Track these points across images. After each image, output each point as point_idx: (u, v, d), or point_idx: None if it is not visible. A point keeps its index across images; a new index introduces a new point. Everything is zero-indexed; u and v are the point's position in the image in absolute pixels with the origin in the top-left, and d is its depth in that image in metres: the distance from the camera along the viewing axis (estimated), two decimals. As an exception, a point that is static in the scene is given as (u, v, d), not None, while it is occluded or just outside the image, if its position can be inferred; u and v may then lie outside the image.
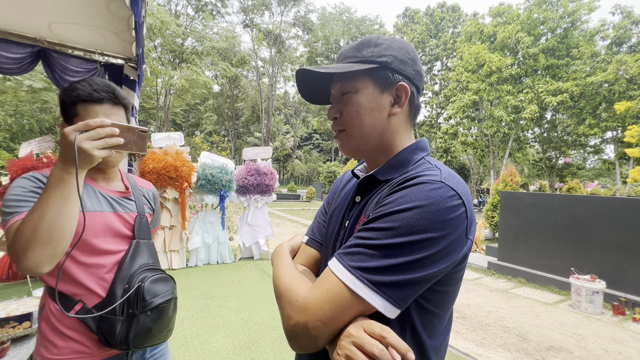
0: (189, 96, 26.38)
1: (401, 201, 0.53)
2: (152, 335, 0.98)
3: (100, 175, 1.04)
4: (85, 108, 0.93)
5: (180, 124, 35.62)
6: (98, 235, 0.96)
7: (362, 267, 0.52)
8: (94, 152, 0.74)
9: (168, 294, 1.01)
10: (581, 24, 17.76)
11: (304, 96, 0.74)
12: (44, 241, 0.76)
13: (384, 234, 0.52)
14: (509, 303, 4.43)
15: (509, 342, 3.31)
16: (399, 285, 0.50)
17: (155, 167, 4.65)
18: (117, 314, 0.93)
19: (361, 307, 0.51)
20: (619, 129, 16.26)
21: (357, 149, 0.69)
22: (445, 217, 0.51)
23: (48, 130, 15.87)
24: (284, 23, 30.57)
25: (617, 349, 3.25)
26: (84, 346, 0.94)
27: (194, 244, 5.20)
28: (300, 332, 0.53)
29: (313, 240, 0.80)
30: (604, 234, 4.60)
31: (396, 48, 0.65)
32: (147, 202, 1.18)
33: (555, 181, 21.25)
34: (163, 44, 20.07)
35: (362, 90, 0.65)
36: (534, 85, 17.82)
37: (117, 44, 3.80)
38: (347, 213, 0.71)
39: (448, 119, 23.67)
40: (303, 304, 0.54)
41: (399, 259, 0.50)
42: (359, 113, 0.65)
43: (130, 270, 0.99)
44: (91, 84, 0.94)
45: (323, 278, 0.55)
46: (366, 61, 0.64)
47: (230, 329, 3.20)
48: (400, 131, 0.68)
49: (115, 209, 1.02)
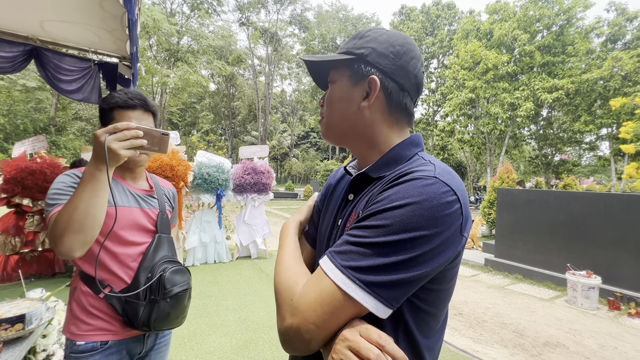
0: (185, 95, 26.25)
1: (393, 198, 0.51)
2: (170, 319, 1.10)
3: (128, 174, 1.17)
4: (121, 113, 1.07)
5: (176, 123, 35.43)
6: (125, 228, 1.08)
7: (353, 266, 0.49)
8: (121, 152, 0.84)
9: (185, 284, 1.13)
10: (576, 21, 17.83)
11: (316, 83, 0.76)
12: (76, 229, 0.86)
13: (375, 232, 0.50)
14: (506, 299, 4.45)
15: (506, 338, 3.33)
16: (392, 285, 0.48)
17: (151, 167, 4.62)
18: (140, 299, 1.04)
19: (355, 309, 0.49)
20: (614, 125, 16.38)
21: (330, 137, 0.71)
22: (440, 214, 0.49)
23: (42, 130, 15.72)
24: (280, 21, 30.46)
25: (613, 343, 3.28)
26: (110, 324, 1.06)
27: (190, 244, 5.18)
28: (293, 335, 0.51)
29: (309, 235, 0.80)
30: (600, 230, 4.63)
31: (381, 41, 0.62)
32: (167, 200, 1.30)
33: (551, 178, 21.39)
34: (158, 42, 19.92)
35: (338, 80, 0.66)
36: (529, 83, 17.88)
37: (111, 42, 3.75)
38: (340, 211, 0.69)
39: (445, 116, 23.72)
40: (296, 305, 0.52)
41: (391, 258, 0.48)
42: (331, 102, 0.67)
43: (153, 261, 1.11)
44: (126, 92, 1.09)
45: (315, 277, 0.53)
46: (347, 52, 0.64)
47: (227, 328, 3.19)
48: (380, 126, 0.64)
49: (140, 205, 1.15)
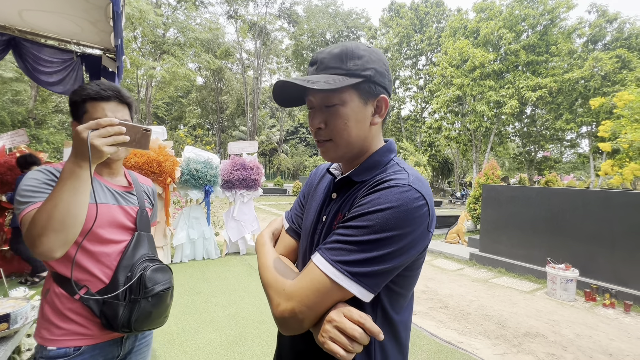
0: (171, 89, 25.67)
1: (375, 202, 0.60)
2: (152, 319, 1.06)
3: (105, 170, 1.12)
4: (94, 105, 1.02)
5: (162, 117, 34.67)
6: (103, 226, 1.04)
7: (342, 260, 0.59)
8: (104, 148, 0.82)
9: (167, 282, 1.10)
10: (560, 22, 18.29)
11: (278, 101, 0.75)
12: (56, 228, 0.83)
13: (360, 232, 0.59)
14: (489, 292, 4.60)
15: (489, 329, 3.44)
16: (374, 275, 0.58)
17: (137, 162, 4.53)
18: (119, 299, 1.01)
19: (341, 294, 0.59)
20: (594, 124, 16.96)
21: (342, 157, 0.73)
22: (412, 216, 0.59)
23: (21, 123, 15.13)
24: (269, 15, 30.05)
25: (588, 333, 3.44)
26: (85, 328, 1.01)
27: (178, 240, 5.13)
28: (289, 316, 0.60)
29: (292, 230, 0.87)
30: (578, 225, 4.82)
31: (376, 60, 0.69)
32: (147, 197, 1.26)
33: (534, 174, 22.01)
34: (143, 34, 19.38)
35: (349, 103, 0.67)
36: (514, 81, 18.28)
37: (94, 34, 3.65)
38: (324, 208, 0.77)
39: (432, 113, 24.01)
40: (290, 292, 0.61)
41: (373, 253, 0.58)
42: (347, 125, 0.68)
43: (133, 260, 1.07)
44: (99, 84, 1.04)
45: (308, 270, 0.62)
46: (352, 74, 0.67)
47: (216, 324, 3.19)
48: (377, 136, 0.75)
49: (119, 202, 1.11)
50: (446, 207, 17.87)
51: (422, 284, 4.86)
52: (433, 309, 3.93)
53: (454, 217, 10.20)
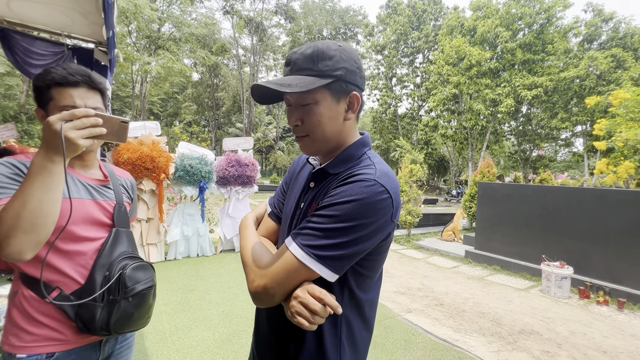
0: (166, 85, 25.43)
1: (342, 195, 0.67)
2: (134, 320, 1.00)
3: (77, 162, 1.03)
4: (60, 92, 0.93)
5: (157, 114, 34.35)
6: (77, 223, 0.95)
7: (310, 244, 0.66)
8: (79, 142, 0.77)
9: (149, 281, 1.04)
10: (556, 21, 18.34)
11: (256, 100, 0.80)
12: (26, 229, 0.76)
13: (328, 220, 0.66)
14: (484, 290, 4.60)
15: (484, 327, 3.44)
16: (338, 258, 0.66)
17: (130, 158, 4.46)
18: (97, 300, 0.94)
19: (308, 274, 0.67)
20: (588, 123, 17.07)
21: (319, 151, 0.79)
22: (375, 208, 0.66)
23: (13, 118, 14.89)
24: (266, 10, 29.82)
25: (582, 330, 3.45)
26: (59, 333, 0.93)
27: (172, 237, 5.07)
28: (262, 291, 0.68)
29: (274, 214, 0.94)
30: (573, 223, 4.84)
31: (346, 59, 0.73)
32: (125, 191, 1.18)
33: (529, 173, 22.16)
34: (138, 28, 19.12)
35: (322, 102, 0.73)
36: (511, 79, 18.33)
37: (85, 26, 3.56)
38: (303, 196, 0.84)
39: (429, 111, 24.03)
40: (264, 271, 0.69)
41: (338, 239, 0.65)
42: (320, 122, 0.74)
43: (111, 258, 1.00)
44: (65, 67, 0.94)
45: (280, 252, 0.70)
46: (323, 75, 0.71)
47: (210, 322, 3.15)
48: (352, 130, 0.80)
49: (94, 196, 1.03)
50: (442, 205, 17.93)
51: (418, 282, 4.85)
52: (428, 307, 3.93)
53: (449, 215, 10.23)
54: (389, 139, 27.79)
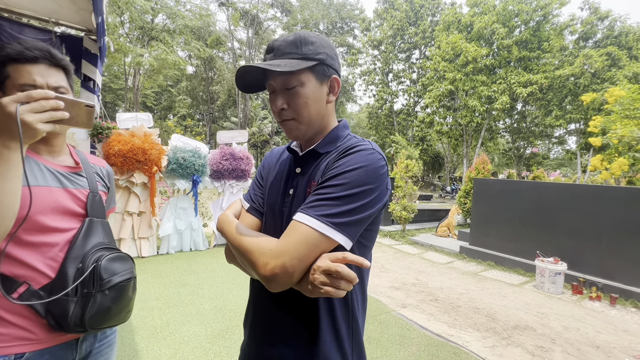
0: (160, 77, 25.02)
1: (349, 163, 0.70)
2: (111, 315, 0.94)
3: (43, 148, 0.95)
4: (17, 68, 0.85)
5: (151, 107, 33.86)
6: (44, 212, 0.88)
7: (326, 214, 0.66)
8: (38, 126, 0.70)
9: (127, 272, 0.97)
10: (552, 18, 18.37)
11: (240, 87, 0.82)
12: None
13: (340, 188, 0.68)
14: (479, 285, 4.61)
15: (479, 322, 3.44)
16: (354, 224, 0.68)
17: (122, 150, 4.36)
18: (69, 294, 0.86)
19: (327, 244, 0.66)
20: (582, 121, 17.20)
21: (305, 134, 0.80)
22: (378, 173, 0.71)
23: None
24: (262, 3, 29.41)
25: (576, 325, 3.47)
26: (28, 332, 0.86)
27: (165, 231, 4.99)
28: (279, 271, 0.64)
29: (254, 209, 0.90)
30: (567, 219, 4.86)
31: (326, 46, 0.78)
32: (100, 179, 1.10)
33: (523, 170, 22.33)
34: (131, 19, 18.73)
35: (307, 83, 0.75)
36: (506, 77, 18.36)
37: (73, 12, 3.44)
38: (289, 182, 0.84)
39: (425, 107, 24.02)
40: (279, 250, 0.65)
41: (352, 205, 0.67)
42: (307, 104, 0.76)
43: (84, 249, 0.93)
44: (22, 42, 0.86)
45: (292, 229, 0.67)
46: (307, 58, 0.75)
47: (203, 317, 3.10)
48: (332, 114, 0.84)
49: (63, 184, 0.95)
50: (436, 201, 18.01)
51: (413, 277, 4.85)
52: (423, 302, 3.91)
53: (444, 211, 10.26)
54: (384, 134, 27.77)
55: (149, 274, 4.12)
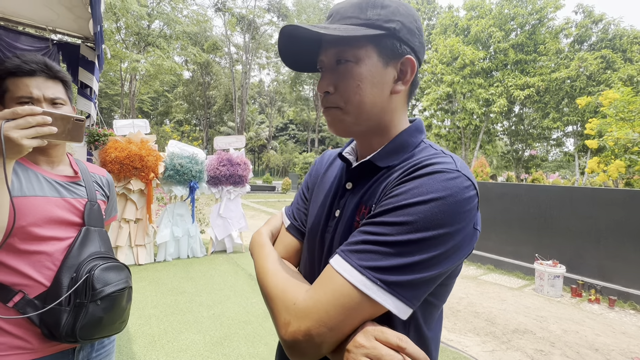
0: (156, 83, 25.07)
1: (416, 192, 0.48)
2: (103, 325, 0.92)
3: (42, 158, 0.97)
4: (15, 82, 0.88)
5: (147, 112, 33.87)
6: (40, 222, 0.89)
7: (373, 266, 0.46)
8: (23, 142, 0.70)
9: (121, 282, 0.96)
10: (548, 21, 18.56)
11: (286, 61, 0.64)
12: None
13: (398, 229, 0.47)
14: (478, 289, 4.60)
15: (479, 326, 3.43)
16: (415, 285, 0.47)
17: (118, 157, 4.34)
18: (62, 303, 0.87)
19: (372, 310, 0.47)
20: (579, 123, 17.33)
21: (350, 129, 0.60)
22: (462, 210, 0.48)
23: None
24: (258, 8, 29.59)
25: (575, 328, 3.46)
26: (24, 341, 0.86)
27: (162, 238, 4.96)
28: (303, 339, 0.47)
29: (294, 227, 0.73)
30: (565, 222, 4.87)
31: (404, 14, 0.56)
32: (99, 188, 1.11)
33: (522, 172, 22.41)
34: (126, 25, 18.79)
35: (365, 60, 0.55)
36: (503, 79, 18.50)
37: (71, 21, 3.45)
38: (337, 201, 0.64)
39: (423, 110, 24.12)
40: (304, 308, 0.48)
41: (415, 257, 0.46)
42: (359, 88, 0.56)
43: (79, 259, 0.93)
44: (19, 56, 0.89)
45: (326, 278, 0.49)
46: (372, 25, 0.54)
47: (200, 325, 3.07)
48: (399, 110, 0.61)
49: (61, 193, 0.96)
50: (435, 204, 18.01)
51: (412, 281, 4.83)
52: (422, 307, 3.90)
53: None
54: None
55: (146, 282, 4.09)
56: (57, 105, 0.93)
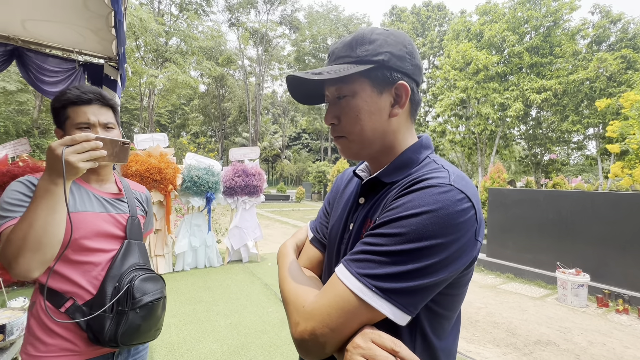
0: (174, 97, 25.92)
1: (409, 206, 0.52)
2: (141, 332, 1.00)
3: (93, 177, 1.08)
4: (75, 110, 0.99)
5: (165, 125, 34.98)
6: (90, 235, 0.99)
7: (370, 274, 0.51)
8: (79, 165, 0.81)
9: (157, 292, 1.04)
10: (563, 23, 18.19)
11: (297, 99, 0.72)
12: (33, 248, 0.81)
13: (392, 240, 0.51)
14: (497, 299, 4.48)
15: (498, 337, 3.34)
16: (409, 292, 0.50)
17: (139, 170, 4.52)
18: (106, 311, 0.95)
19: (369, 315, 0.51)
20: (600, 125, 16.75)
21: (359, 154, 0.67)
22: (455, 222, 0.50)
23: (25, 132, 15.32)
24: (270, 22, 30.33)
25: (602, 340, 3.31)
26: (72, 344, 0.95)
27: (180, 248, 5.09)
28: (308, 338, 0.53)
29: (317, 240, 0.79)
30: (588, 228, 4.70)
31: (392, 43, 0.61)
32: (139, 204, 1.22)
33: (541, 177, 21.74)
34: (145, 43, 19.62)
35: (360, 93, 0.62)
36: (519, 83, 18.16)
37: (96, 43, 3.66)
38: (351, 215, 0.70)
39: (436, 117, 23.92)
40: (310, 310, 0.54)
41: (408, 266, 0.50)
42: (358, 118, 0.62)
43: (121, 269, 1.02)
44: (78, 87, 1.01)
45: (330, 285, 0.55)
46: (361, 61, 0.61)
47: (218, 334, 3.12)
48: (402, 130, 0.66)
49: (107, 209, 1.07)
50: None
51: (428, 291, 4.75)
52: (440, 317, 3.83)
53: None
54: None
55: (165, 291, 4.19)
56: (109, 129, 1.05)
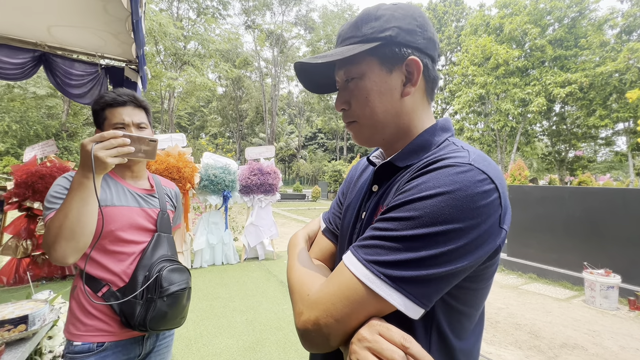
0: (193, 99, 26.56)
1: (423, 187, 0.47)
2: (167, 319, 1.08)
3: (128, 174, 1.17)
4: (112, 112, 1.09)
5: (185, 127, 35.91)
6: (124, 227, 1.08)
7: (378, 260, 0.46)
8: (108, 160, 0.88)
9: (183, 283, 1.11)
10: (589, 13, 17.38)
11: (307, 88, 0.69)
12: (67, 236, 0.89)
13: (404, 224, 0.46)
14: (519, 299, 4.32)
15: (521, 339, 3.21)
16: (422, 282, 0.44)
17: (158, 169, 4.64)
18: (137, 297, 1.04)
19: (378, 305, 0.46)
20: (631, 119, 15.87)
21: (371, 139, 0.63)
22: (475, 205, 0.44)
23: (54, 135, 16.10)
24: (286, 23, 30.56)
25: (635, 345, 3.13)
26: (107, 325, 1.05)
27: (198, 245, 5.19)
28: (312, 328, 0.49)
29: (329, 231, 0.76)
30: (618, 227, 4.45)
31: (400, 17, 0.57)
32: (169, 200, 1.30)
33: (566, 175, 20.85)
34: (165, 47, 20.19)
35: (368, 73, 0.58)
36: (541, 77, 17.49)
37: (116, 46, 3.79)
38: (364, 204, 0.66)
39: (454, 114, 23.38)
40: (315, 299, 0.50)
41: (420, 253, 0.44)
42: (368, 100, 0.58)
43: (151, 260, 1.10)
44: (115, 91, 1.11)
45: (336, 272, 0.51)
46: (367, 39, 0.56)
47: (234, 329, 3.16)
48: (417, 110, 0.61)
49: (140, 204, 1.15)
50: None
51: (447, 290, 4.64)
52: (458, 317, 3.73)
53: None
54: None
55: (184, 287, 4.29)
56: (141, 129, 1.13)
